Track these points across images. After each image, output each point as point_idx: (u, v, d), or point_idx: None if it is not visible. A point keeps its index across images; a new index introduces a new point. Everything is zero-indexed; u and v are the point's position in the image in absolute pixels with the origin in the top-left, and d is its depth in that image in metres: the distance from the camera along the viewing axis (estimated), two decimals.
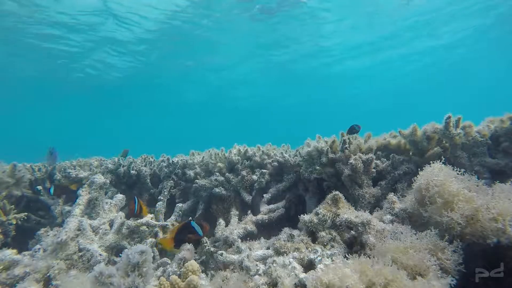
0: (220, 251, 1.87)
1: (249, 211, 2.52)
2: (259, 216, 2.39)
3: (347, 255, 1.30)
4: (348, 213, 1.68)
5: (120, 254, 1.35)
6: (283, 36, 11.62)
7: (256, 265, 1.55)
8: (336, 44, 12.84)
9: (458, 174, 1.44)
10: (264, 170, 2.75)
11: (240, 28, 10.61)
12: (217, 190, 2.76)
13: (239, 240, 2.13)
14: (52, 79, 15.02)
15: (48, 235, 2.18)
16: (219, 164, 2.95)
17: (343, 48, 13.26)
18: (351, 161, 2.07)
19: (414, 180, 1.56)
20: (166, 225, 2.38)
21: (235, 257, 1.78)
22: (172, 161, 3.20)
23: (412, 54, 14.42)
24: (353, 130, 2.56)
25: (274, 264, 1.47)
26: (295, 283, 1.34)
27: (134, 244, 2.22)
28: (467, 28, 11.59)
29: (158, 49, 12.18)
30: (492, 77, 21.78)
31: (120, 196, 2.67)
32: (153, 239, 2.30)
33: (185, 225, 1.64)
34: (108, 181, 2.61)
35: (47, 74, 14.32)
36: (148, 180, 3.20)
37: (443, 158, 1.59)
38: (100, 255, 2.00)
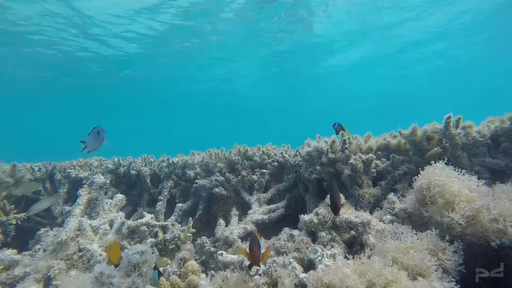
0: (220, 251, 1.87)
1: (249, 211, 2.52)
2: (259, 216, 2.39)
3: (347, 255, 1.30)
4: (348, 213, 1.68)
5: None
6: (283, 35, 11.62)
7: None
8: (336, 45, 12.85)
9: (459, 174, 1.44)
10: (264, 170, 2.75)
11: (242, 29, 10.60)
12: (217, 190, 2.75)
13: (239, 240, 2.13)
14: (53, 78, 15.04)
15: (48, 235, 2.18)
16: (219, 164, 2.95)
17: (342, 49, 13.28)
18: (351, 161, 2.07)
19: (415, 180, 1.56)
20: (166, 225, 2.38)
21: (235, 257, 1.78)
22: (172, 161, 3.20)
23: (412, 53, 14.43)
24: (341, 127, 2.53)
25: (274, 264, 1.47)
26: (295, 283, 1.34)
27: (134, 244, 2.22)
28: (467, 27, 11.58)
29: (159, 49, 12.17)
30: (493, 77, 21.78)
31: (120, 196, 2.67)
32: (153, 239, 2.30)
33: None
34: (108, 181, 2.61)
35: (48, 74, 14.33)
36: (148, 180, 3.20)
37: (446, 159, 1.59)
38: (100, 255, 2.00)
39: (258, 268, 1.46)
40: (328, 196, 1.80)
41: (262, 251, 1.33)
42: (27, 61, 12.19)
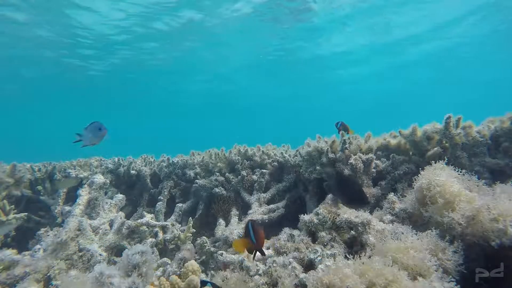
0: (220, 251, 1.87)
1: (249, 211, 2.53)
2: (259, 216, 2.39)
3: (347, 255, 1.30)
4: (348, 213, 1.68)
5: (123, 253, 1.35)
6: (284, 37, 11.63)
7: (256, 265, 1.55)
8: (335, 45, 12.85)
9: (459, 174, 1.44)
10: (264, 170, 2.75)
11: (241, 29, 10.61)
12: (217, 190, 2.75)
13: None
14: (53, 78, 15.05)
15: (48, 235, 2.18)
16: (219, 164, 2.95)
17: (342, 48, 13.28)
18: (351, 161, 2.07)
19: (415, 180, 1.56)
20: (166, 225, 2.38)
21: (235, 257, 1.78)
22: (172, 161, 3.20)
23: (412, 53, 14.44)
24: (344, 126, 2.54)
25: (274, 264, 1.47)
26: (295, 283, 1.34)
27: (134, 244, 2.22)
28: (467, 27, 11.58)
29: (161, 48, 12.18)
30: (493, 77, 21.78)
31: (120, 196, 2.67)
32: (153, 239, 2.30)
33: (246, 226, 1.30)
34: (108, 181, 2.61)
35: (48, 74, 14.34)
36: (148, 180, 3.20)
37: (446, 159, 1.59)
38: (100, 255, 2.00)
39: (263, 255, 1.40)
40: (329, 196, 1.81)
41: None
42: (32, 58, 12.13)
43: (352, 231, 1.62)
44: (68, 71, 14.06)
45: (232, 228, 2.31)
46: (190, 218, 2.39)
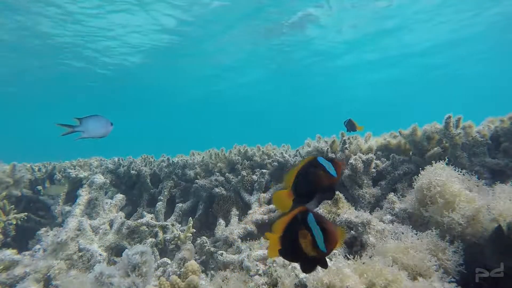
0: (220, 251, 1.87)
1: (249, 211, 2.52)
2: (259, 216, 2.39)
3: (347, 255, 1.30)
4: (348, 213, 1.68)
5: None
6: (283, 36, 11.64)
7: (256, 265, 1.55)
8: (335, 44, 12.84)
9: (459, 174, 1.44)
10: (264, 170, 2.75)
11: (242, 30, 10.62)
12: (217, 190, 2.75)
13: (239, 240, 2.13)
14: (53, 77, 15.04)
15: (48, 235, 2.18)
16: (219, 164, 2.95)
17: (341, 47, 13.28)
18: (351, 161, 2.07)
19: (415, 180, 1.56)
20: (166, 225, 2.38)
21: (235, 257, 1.78)
22: (172, 161, 3.20)
23: (411, 52, 14.43)
24: (351, 123, 2.52)
25: (274, 264, 1.47)
26: (295, 283, 1.34)
27: (134, 244, 2.22)
28: (467, 28, 11.58)
29: (160, 49, 12.18)
30: (493, 77, 21.79)
31: (120, 196, 2.67)
32: (153, 239, 2.30)
33: (308, 165, 0.90)
34: (108, 181, 2.61)
35: (48, 73, 14.33)
36: (148, 180, 3.20)
37: (447, 159, 1.59)
38: (100, 255, 2.00)
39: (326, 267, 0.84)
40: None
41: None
42: (30, 57, 12.09)
43: (352, 231, 1.62)
44: (68, 72, 14.06)
45: (232, 228, 2.31)
46: (190, 218, 2.38)
